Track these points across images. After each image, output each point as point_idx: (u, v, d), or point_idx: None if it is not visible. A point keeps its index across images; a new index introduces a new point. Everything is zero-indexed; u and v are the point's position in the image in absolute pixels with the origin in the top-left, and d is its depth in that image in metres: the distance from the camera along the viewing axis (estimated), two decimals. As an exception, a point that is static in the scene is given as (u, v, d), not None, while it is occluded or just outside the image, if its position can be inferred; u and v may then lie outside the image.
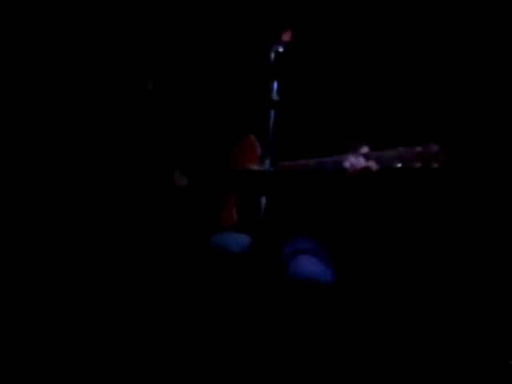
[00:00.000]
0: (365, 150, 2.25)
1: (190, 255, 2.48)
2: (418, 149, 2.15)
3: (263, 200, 2.25)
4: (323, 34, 2.64)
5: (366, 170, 2.21)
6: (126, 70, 3.02)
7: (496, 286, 2.82)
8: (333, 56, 2.62)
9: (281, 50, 2.31)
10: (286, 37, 2.34)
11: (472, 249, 2.86)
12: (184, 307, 2.46)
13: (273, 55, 2.29)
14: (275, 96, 2.26)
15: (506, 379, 2.60)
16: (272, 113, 2.25)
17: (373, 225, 2.86)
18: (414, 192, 2.76)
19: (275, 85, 2.27)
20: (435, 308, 2.85)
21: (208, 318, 2.41)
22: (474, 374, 2.67)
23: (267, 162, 2.28)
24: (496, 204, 2.82)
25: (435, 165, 2.12)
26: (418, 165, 2.15)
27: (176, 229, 2.56)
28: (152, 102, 2.79)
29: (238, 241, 2.39)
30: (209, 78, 2.65)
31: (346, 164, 2.25)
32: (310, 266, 2.33)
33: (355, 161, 2.23)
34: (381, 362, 2.77)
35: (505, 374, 2.61)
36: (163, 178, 2.62)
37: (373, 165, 2.21)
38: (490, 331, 2.76)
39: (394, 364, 2.76)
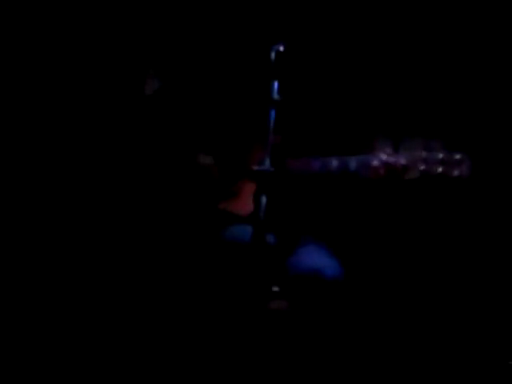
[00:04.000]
0: (389, 149, 2.25)
1: (205, 246, 2.46)
2: (441, 154, 2.14)
3: (263, 199, 2.24)
4: (325, 33, 2.63)
5: (393, 168, 2.19)
6: (128, 68, 3.02)
7: (496, 286, 2.82)
8: (335, 55, 2.61)
9: (281, 49, 2.30)
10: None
11: (474, 247, 2.87)
12: (193, 300, 2.45)
13: (273, 54, 2.28)
14: (276, 95, 2.25)
15: (506, 379, 2.60)
16: (273, 112, 2.24)
17: (379, 227, 2.86)
18: (422, 194, 2.77)
19: (276, 84, 2.26)
20: (435, 308, 2.85)
21: (215, 312, 2.40)
22: (474, 374, 2.67)
23: (267, 162, 2.27)
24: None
25: (456, 172, 2.11)
26: (440, 170, 2.14)
27: (191, 217, 2.54)
28: (154, 100, 2.78)
29: None
30: (209, 77, 2.64)
31: (375, 162, 2.23)
32: (315, 258, 2.32)
33: (384, 158, 2.21)
34: (380, 361, 2.77)
35: (505, 373, 2.61)
36: (171, 172, 2.61)
37: (401, 162, 2.19)
38: (490, 331, 2.76)
39: (394, 363, 2.76)
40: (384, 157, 2.22)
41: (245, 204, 2.46)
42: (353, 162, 2.26)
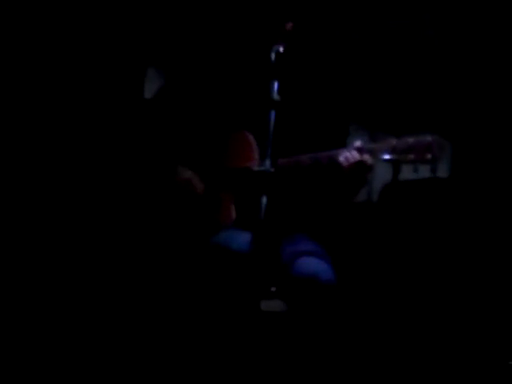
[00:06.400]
0: (358, 143, 2.27)
1: (191, 253, 2.46)
2: (411, 140, 2.16)
3: (264, 200, 2.24)
4: (324, 34, 2.64)
5: (361, 163, 2.23)
6: (126, 67, 3.02)
7: (496, 287, 2.82)
8: (333, 56, 2.62)
9: (281, 49, 2.30)
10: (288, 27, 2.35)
11: (470, 247, 2.87)
12: (185, 305, 2.45)
13: (273, 55, 2.29)
14: (276, 96, 2.25)
15: (506, 379, 2.60)
16: (273, 113, 2.24)
17: (373, 225, 2.87)
18: (415, 194, 2.77)
19: (276, 85, 2.26)
20: (435, 308, 2.85)
21: (209, 316, 2.40)
22: (474, 374, 2.68)
23: (268, 162, 2.27)
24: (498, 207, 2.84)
25: (428, 156, 2.13)
26: (412, 157, 2.16)
27: (176, 226, 2.55)
28: (153, 100, 2.79)
29: (241, 238, 2.37)
30: (209, 77, 2.65)
31: (340, 158, 2.25)
32: (312, 264, 2.32)
33: (349, 155, 2.24)
34: (380, 361, 2.77)
35: (505, 373, 2.61)
36: (163, 176, 2.62)
37: (367, 158, 2.22)
38: (490, 331, 2.76)
39: (394, 364, 2.76)
40: (347, 153, 2.25)
41: (228, 214, 2.47)
42: (323, 158, 2.31)
